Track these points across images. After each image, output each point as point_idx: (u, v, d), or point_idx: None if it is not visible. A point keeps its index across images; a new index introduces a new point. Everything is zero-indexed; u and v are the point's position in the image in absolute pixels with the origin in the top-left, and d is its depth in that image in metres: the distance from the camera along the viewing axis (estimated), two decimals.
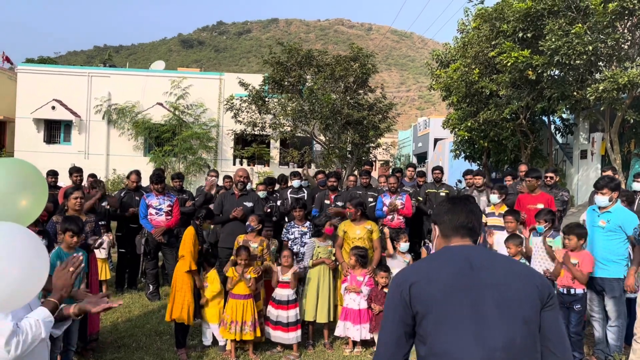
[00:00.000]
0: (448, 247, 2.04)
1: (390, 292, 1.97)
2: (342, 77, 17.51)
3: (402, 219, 7.48)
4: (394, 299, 1.93)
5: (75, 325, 4.65)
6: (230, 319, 5.34)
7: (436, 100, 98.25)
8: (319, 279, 5.81)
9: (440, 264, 1.94)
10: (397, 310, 1.91)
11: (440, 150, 28.91)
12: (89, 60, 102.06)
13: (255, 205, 6.95)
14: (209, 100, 23.73)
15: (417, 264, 2.10)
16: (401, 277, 1.98)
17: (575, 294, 5.12)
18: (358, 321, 5.60)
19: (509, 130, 15.08)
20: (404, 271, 2.02)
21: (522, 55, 11.91)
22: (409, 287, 1.88)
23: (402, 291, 1.90)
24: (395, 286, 1.96)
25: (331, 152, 17.91)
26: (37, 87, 23.36)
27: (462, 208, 2.07)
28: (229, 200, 6.92)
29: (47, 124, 23.87)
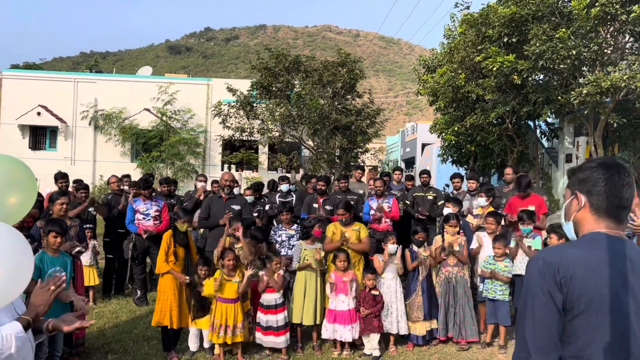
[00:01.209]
0: (604, 235, 1.67)
1: (538, 277, 1.64)
2: (330, 83, 17.56)
3: (389, 222, 7.53)
4: (545, 286, 1.61)
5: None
6: (219, 323, 5.32)
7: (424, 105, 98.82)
8: (306, 281, 5.82)
9: (600, 256, 1.62)
10: (550, 301, 1.60)
11: (428, 155, 29.08)
12: (75, 66, 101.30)
13: (243, 209, 6.95)
14: (196, 105, 23.68)
15: (572, 250, 1.68)
16: (557, 261, 1.64)
17: None
18: (348, 321, 5.60)
19: (496, 135, 15.21)
20: (557, 254, 1.67)
21: (507, 60, 12.04)
22: (570, 277, 1.58)
23: (562, 279, 1.59)
24: (547, 269, 1.63)
25: (319, 157, 17.94)
26: (22, 92, 23.15)
27: (624, 180, 1.68)
28: (217, 204, 6.92)
29: (32, 130, 23.64)
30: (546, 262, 1.63)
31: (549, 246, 1.69)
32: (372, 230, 7.43)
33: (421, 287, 6.02)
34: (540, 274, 1.62)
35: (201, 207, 7.16)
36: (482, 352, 5.83)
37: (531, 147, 17.66)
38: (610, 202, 1.66)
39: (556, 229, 5.27)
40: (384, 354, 5.69)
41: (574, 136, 16.90)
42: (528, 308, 1.63)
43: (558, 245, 1.81)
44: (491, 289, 5.98)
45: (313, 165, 18.46)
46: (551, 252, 1.68)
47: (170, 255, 5.57)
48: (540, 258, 1.66)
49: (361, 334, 5.65)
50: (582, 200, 1.70)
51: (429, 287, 6.06)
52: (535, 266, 1.66)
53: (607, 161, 1.71)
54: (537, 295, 1.61)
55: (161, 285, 5.56)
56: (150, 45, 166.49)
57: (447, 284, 6.08)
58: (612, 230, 1.67)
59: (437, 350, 5.87)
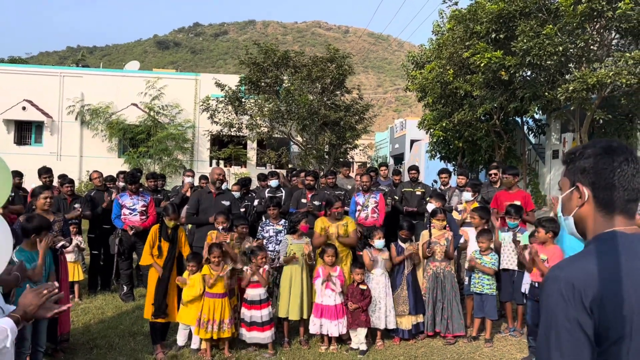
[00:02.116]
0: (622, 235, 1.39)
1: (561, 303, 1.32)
2: (319, 78, 17.55)
3: (376, 217, 7.52)
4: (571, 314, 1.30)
5: (43, 326, 4.55)
6: (207, 318, 5.29)
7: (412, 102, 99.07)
8: (292, 276, 5.80)
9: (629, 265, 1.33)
10: (578, 330, 1.30)
11: (417, 151, 29.15)
12: (62, 61, 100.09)
13: (233, 205, 6.93)
14: (184, 101, 23.53)
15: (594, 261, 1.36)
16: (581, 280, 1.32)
17: None
18: (335, 317, 5.59)
19: (483, 131, 15.30)
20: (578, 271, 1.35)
21: (495, 56, 12.10)
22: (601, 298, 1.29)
23: (592, 302, 1.30)
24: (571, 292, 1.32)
25: (308, 153, 17.94)
26: (7, 87, 22.82)
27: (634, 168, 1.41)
28: (207, 199, 6.85)
29: (17, 125, 23.34)
30: (568, 283, 1.32)
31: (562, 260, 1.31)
32: (359, 225, 7.41)
33: (406, 281, 6.03)
34: (564, 299, 1.31)
35: (189, 202, 7.05)
36: (469, 345, 5.86)
37: (518, 143, 17.78)
38: (619, 196, 1.40)
39: (544, 222, 5.29)
40: (370, 348, 5.70)
41: (560, 132, 17.04)
42: (552, 342, 1.31)
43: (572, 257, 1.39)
44: (478, 283, 6.01)
45: (302, 161, 18.45)
46: (570, 269, 1.36)
47: (155, 249, 5.54)
48: (560, 278, 1.34)
49: (348, 328, 5.65)
50: (585, 194, 1.44)
51: (414, 282, 6.07)
52: (554, 288, 1.34)
53: (613, 145, 1.43)
54: (562, 325, 1.30)
55: (149, 278, 5.55)
56: (138, 41, 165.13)
57: (434, 279, 6.10)
58: (627, 227, 1.40)
59: (424, 344, 5.89)
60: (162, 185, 9.25)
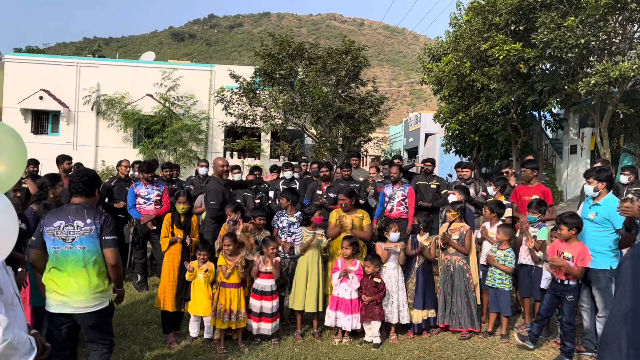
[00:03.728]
0: None
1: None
2: (334, 70, 17.40)
3: (402, 211, 7.40)
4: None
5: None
6: (223, 308, 5.28)
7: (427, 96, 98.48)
8: (308, 267, 5.75)
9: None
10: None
11: (431, 145, 28.95)
12: (78, 52, 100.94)
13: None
14: (199, 92, 23.56)
15: None
16: None
17: (568, 284, 5.10)
18: (349, 311, 5.54)
19: (500, 125, 15.12)
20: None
21: (514, 49, 11.90)
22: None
23: None
24: None
25: (322, 146, 17.85)
26: (24, 76, 23.04)
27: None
28: (224, 192, 6.76)
29: (34, 115, 23.57)
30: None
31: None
32: (385, 217, 7.33)
33: (416, 275, 5.96)
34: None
35: (211, 197, 6.55)
36: (484, 341, 5.77)
37: (535, 137, 17.56)
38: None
39: (566, 219, 5.17)
40: (384, 341, 5.64)
41: (579, 127, 16.77)
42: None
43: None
44: (490, 277, 5.93)
45: (315, 153, 18.37)
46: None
47: (169, 235, 5.55)
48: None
49: (362, 321, 5.59)
50: None
51: (426, 276, 5.99)
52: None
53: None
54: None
55: (163, 268, 5.56)
56: (154, 32, 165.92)
57: (446, 271, 6.04)
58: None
59: (439, 338, 5.82)
60: (176, 175, 9.24)
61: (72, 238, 3.72)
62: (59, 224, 3.74)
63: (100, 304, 3.76)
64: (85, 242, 3.73)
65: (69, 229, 3.73)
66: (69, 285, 3.68)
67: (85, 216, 3.77)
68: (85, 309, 3.70)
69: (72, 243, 3.71)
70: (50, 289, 3.73)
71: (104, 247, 3.78)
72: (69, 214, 3.78)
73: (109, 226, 3.81)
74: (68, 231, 3.72)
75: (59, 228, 3.73)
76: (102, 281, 3.79)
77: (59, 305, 3.69)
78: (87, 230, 3.74)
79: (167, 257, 5.57)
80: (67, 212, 3.79)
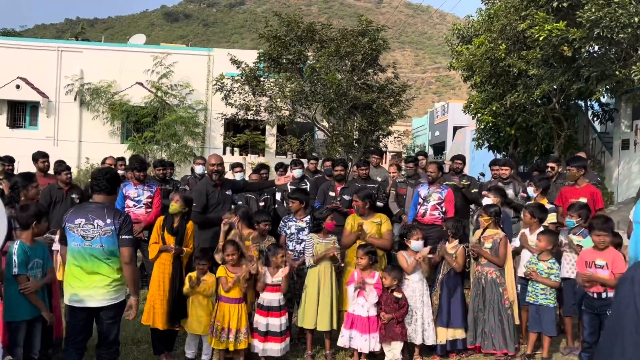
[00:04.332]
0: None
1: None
2: (349, 54, 17.37)
3: (436, 215, 7.37)
4: None
5: (38, 330, 4.60)
6: (220, 326, 5.28)
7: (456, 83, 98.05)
8: (320, 280, 5.74)
9: None
10: None
11: (461, 139, 28.85)
12: (60, 34, 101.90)
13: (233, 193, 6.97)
14: (196, 79, 23.66)
15: None
16: None
17: (606, 298, 5.06)
18: (366, 330, 5.51)
19: (540, 116, 15.03)
20: None
21: (556, 28, 11.82)
22: None
23: None
24: None
25: (335, 140, 17.83)
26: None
27: None
28: (214, 193, 6.76)
29: (10, 106, 23.83)
30: None
31: None
32: (417, 222, 7.29)
33: (440, 286, 5.93)
34: None
35: (195, 197, 6.53)
36: None
37: (581, 131, 17.41)
38: None
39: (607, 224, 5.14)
40: None
41: (632, 119, 16.59)
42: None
43: None
44: (532, 292, 5.88)
45: (328, 149, 18.37)
46: None
47: (159, 241, 5.56)
48: None
49: (381, 342, 5.57)
50: None
51: (451, 288, 5.95)
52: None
53: None
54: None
55: (151, 278, 5.58)
56: (144, 12, 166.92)
57: (477, 284, 6.00)
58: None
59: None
60: (170, 174, 9.31)
61: (92, 237, 4.33)
62: (79, 222, 4.35)
63: (118, 297, 4.45)
64: (104, 242, 4.34)
65: (89, 227, 4.34)
66: (88, 280, 4.32)
67: (106, 216, 4.37)
68: (105, 302, 4.35)
69: (92, 241, 4.34)
70: (70, 283, 4.38)
71: (121, 246, 4.39)
72: (89, 212, 4.38)
73: (127, 225, 4.43)
74: (88, 229, 4.34)
75: (79, 225, 4.34)
76: (121, 276, 4.46)
77: (78, 300, 4.34)
78: (107, 230, 4.35)
79: (156, 266, 5.60)
80: (88, 210, 4.41)
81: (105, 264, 4.35)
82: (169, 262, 5.58)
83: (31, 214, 4.58)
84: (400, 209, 8.38)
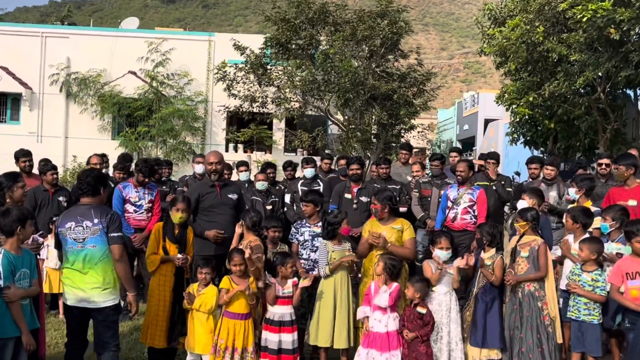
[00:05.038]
0: None
1: None
2: (366, 39, 17.38)
3: (468, 220, 7.34)
4: None
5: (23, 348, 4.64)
6: (224, 345, 5.30)
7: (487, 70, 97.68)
8: (336, 292, 5.75)
9: None
10: None
11: (493, 134, 28.75)
12: (44, 18, 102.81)
13: (240, 199, 6.97)
14: (195, 68, 23.73)
15: None
16: None
17: None
18: (386, 348, 5.50)
19: (583, 107, 14.95)
20: None
21: (601, 8, 11.77)
22: None
23: None
24: None
25: (351, 135, 17.85)
26: None
27: None
28: (210, 194, 6.78)
29: None
30: None
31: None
32: (446, 228, 7.28)
33: (475, 301, 5.92)
34: None
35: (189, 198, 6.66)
36: None
37: (630, 124, 17.30)
38: None
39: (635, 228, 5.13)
40: None
41: None
42: None
43: None
44: (574, 307, 5.83)
45: (342, 146, 18.39)
46: None
47: (159, 251, 5.59)
48: None
49: None
50: None
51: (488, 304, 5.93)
52: None
53: None
54: None
55: (150, 291, 5.61)
56: None
57: (513, 299, 5.97)
58: None
59: None
60: (168, 175, 9.37)
61: (83, 238, 4.86)
62: (69, 225, 4.88)
63: (112, 299, 4.95)
64: (95, 241, 4.86)
65: (79, 230, 4.86)
66: (83, 282, 4.86)
67: (93, 216, 4.88)
68: (98, 304, 4.88)
69: (84, 242, 4.87)
70: (66, 284, 4.98)
71: (111, 244, 4.88)
72: (78, 215, 4.92)
73: (114, 222, 4.91)
74: (78, 231, 4.86)
75: (70, 229, 4.87)
76: (114, 278, 4.97)
77: (74, 299, 4.92)
78: (95, 229, 4.86)
79: (155, 279, 5.63)
80: (77, 213, 4.96)
81: (98, 265, 4.86)
82: (170, 273, 5.64)
83: (14, 218, 4.59)
84: (424, 212, 8.37)
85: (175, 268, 5.64)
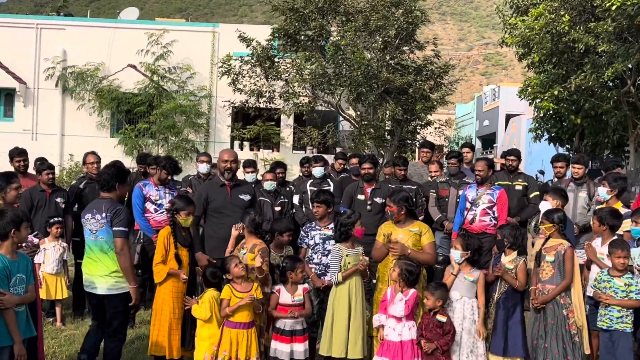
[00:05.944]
0: None
1: None
2: (380, 29, 17.36)
3: (487, 222, 7.33)
4: None
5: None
6: (227, 356, 5.31)
7: (509, 62, 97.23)
8: (350, 299, 5.75)
9: None
10: None
11: (515, 130, 28.66)
12: (38, 9, 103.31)
13: (254, 200, 6.99)
14: (198, 61, 23.76)
15: None
16: None
17: None
18: (399, 358, 5.51)
19: (612, 102, 14.84)
20: None
21: None
22: None
23: None
24: None
25: (364, 132, 17.82)
26: None
27: None
28: (219, 195, 6.86)
29: None
30: None
31: None
32: (464, 231, 7.28)
33: (495, 307, 5.91)
34: None
35: (195, 199, 6.75)
36: None
37: None
38: None
39: None
40: None
41: None
42: None
43: None
44: (604, 316, 5.81)
45: (355, 143, 18.36)
46: None
47: (171, 260, 5.62)
48: None
49: None
50: None
51: (510, 310, 5.92)
52: None
53: None
54: None
55: (158, 300, 5.65)
56: None
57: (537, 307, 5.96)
58: None
59: None
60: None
61: (96, 229, 5.48)
62: (87, 216, 5.55)
63: (121, 287, 5.49)
64: (103, 234, 5.46)
65: (93, 222, 5.49)
66: (95, 269, 5.50)
67: (102, 209, 5.46)
68: (107, 290, 5.47)
69: (96, 234, 5.49)
70: (84, 271, 5.68)
71: (114, 237, 5.41)
72: (94, 207, 5.57)
73: (118, 216, 5.42)
74: (92, 223, 5.49)
75: (87, 220, 5.55)
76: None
77: (89, 285, 5.58)
78: (103, 223, 5.44)
79: (168, 285, 5.65)
80: (93, 206, 5.62)
81: (107, 255, 5.46)
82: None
83: (8, 220, 4.61)
84: (442, 214, 8.36)
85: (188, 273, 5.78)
